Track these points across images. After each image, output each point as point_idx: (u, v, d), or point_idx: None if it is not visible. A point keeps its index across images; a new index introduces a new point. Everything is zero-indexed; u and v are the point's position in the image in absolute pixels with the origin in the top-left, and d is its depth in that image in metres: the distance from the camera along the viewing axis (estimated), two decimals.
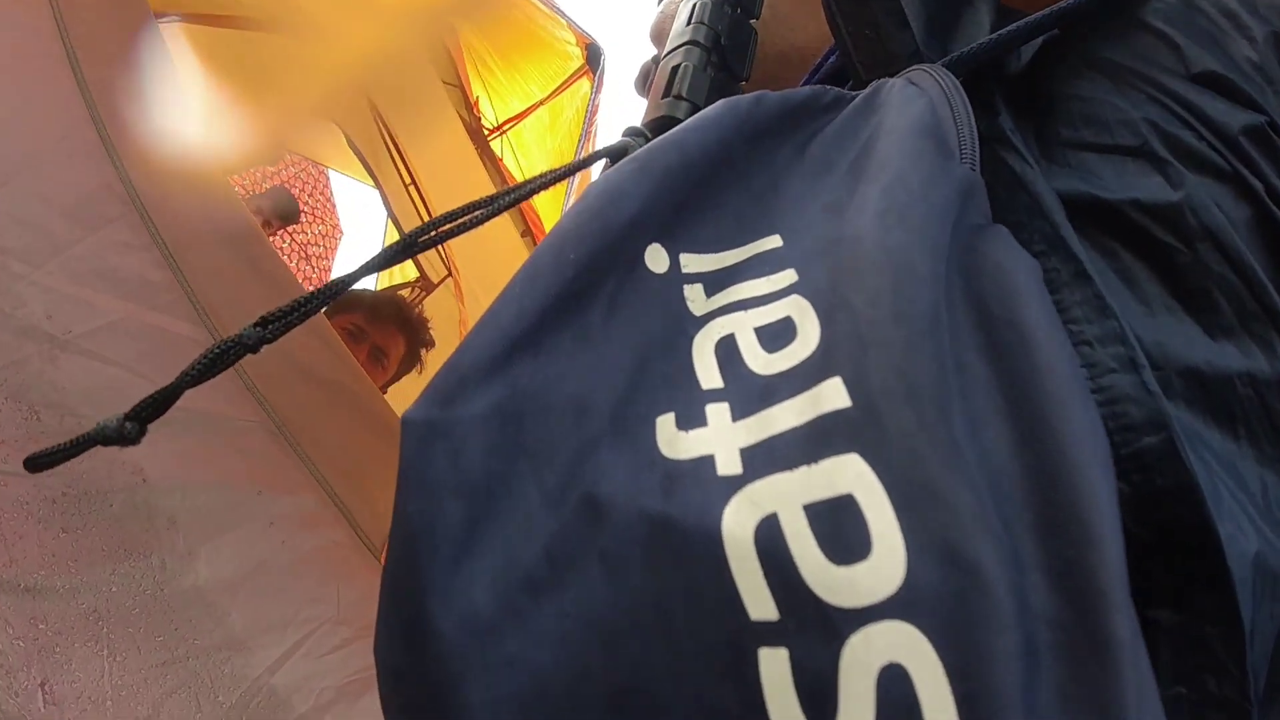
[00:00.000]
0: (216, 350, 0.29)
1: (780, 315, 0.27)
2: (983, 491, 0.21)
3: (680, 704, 0.21)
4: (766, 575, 0.21)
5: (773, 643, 0.21)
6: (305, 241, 2.95)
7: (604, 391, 0.26)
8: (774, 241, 0.31)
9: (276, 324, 0.30)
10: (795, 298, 0.27)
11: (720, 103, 0.34)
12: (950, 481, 0.21)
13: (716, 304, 0.30)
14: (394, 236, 2.49)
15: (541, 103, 1.66)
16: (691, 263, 0.31)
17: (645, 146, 0.32)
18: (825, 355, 0.25)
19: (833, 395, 0.23)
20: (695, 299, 0.30)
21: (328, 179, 2.94)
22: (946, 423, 0.22)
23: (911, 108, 0.32)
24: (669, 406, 0.26)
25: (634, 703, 0.22)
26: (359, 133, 2.03)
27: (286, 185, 2.75)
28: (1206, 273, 0.32)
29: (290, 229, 2.73)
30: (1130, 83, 0.36)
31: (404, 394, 1.81)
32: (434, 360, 1.83)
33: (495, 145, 2.08)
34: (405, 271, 2.61)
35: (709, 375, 0.27)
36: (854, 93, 0.36)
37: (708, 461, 0.24)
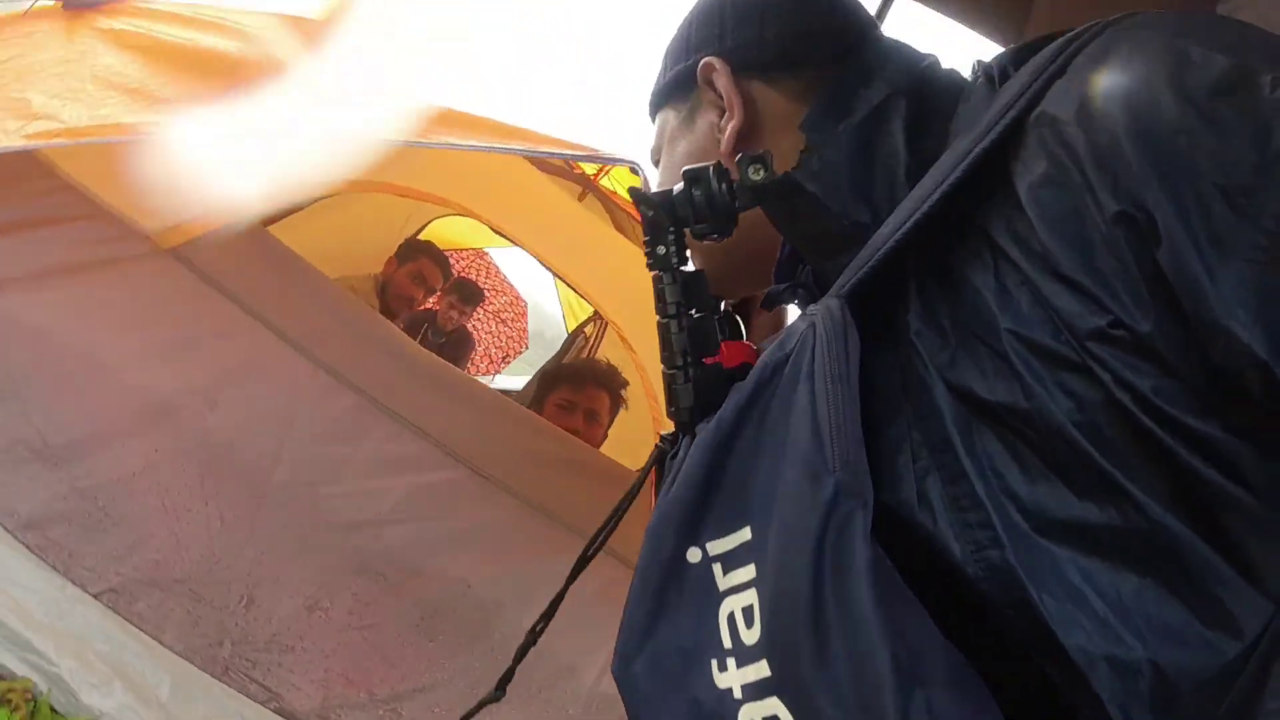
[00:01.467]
0: (581, 558, 0.67)
1: (749, 602, 0.45)
2: (836, 691, 0.40)
3: None
4: None
5: None
6: (496, 309, 3.41)
7: (687, 643, 0.48)
8: (746, 534, 0.47)
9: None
10: (754, 589, 0.45)
11: (696, 441, 0.50)
12: (821, 703, 0.40)
13: (728, 583, 0.47)
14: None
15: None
16: (715, 546, 0.48)
17: (665, 496, 0.51)
18: (764, 641, 0.44)
19: (764, 669, 0.44)
20: (719, 575, 0.48)
21: (491, 259, 3.43)
22: (817, 670, 0.41)
23: (801, 427, 0.44)
24: (713, 655, 0.47)
25: None
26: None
27: (463, 274, 3.20)
28: (1059, 456, 0.41)
29: (481, 305, 3.17)
30: (1007, 272, 0.43)
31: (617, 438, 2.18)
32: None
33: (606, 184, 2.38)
34: (586, 308, 3.02)
35: (726, 638, 0.47)
36: (787, 353, 0.47)
37: (730, 690, 0.46)
